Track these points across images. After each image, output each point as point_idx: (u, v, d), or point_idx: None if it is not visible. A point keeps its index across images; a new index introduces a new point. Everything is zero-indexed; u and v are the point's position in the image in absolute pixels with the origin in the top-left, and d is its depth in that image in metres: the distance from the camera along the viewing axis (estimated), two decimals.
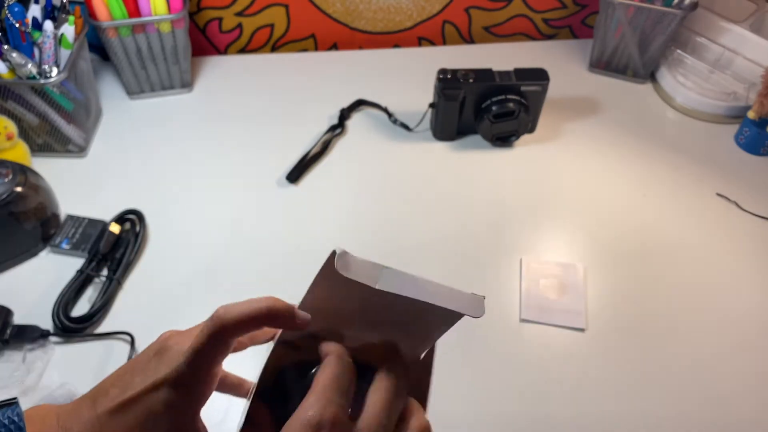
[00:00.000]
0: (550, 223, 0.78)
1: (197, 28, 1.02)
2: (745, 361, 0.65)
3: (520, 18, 1.08)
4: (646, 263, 0.74)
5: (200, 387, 0.34)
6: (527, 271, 0.72)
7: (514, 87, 0.83)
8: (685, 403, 0.61)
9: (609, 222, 0.78)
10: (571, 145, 0.89)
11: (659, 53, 0.96)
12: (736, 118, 0.92)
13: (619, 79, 1.01)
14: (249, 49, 1.07)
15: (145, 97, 0.94)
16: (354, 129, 0.91)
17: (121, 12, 0.83)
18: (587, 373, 0.63)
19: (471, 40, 1.11)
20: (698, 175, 0.84)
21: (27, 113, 0.79)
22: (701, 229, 0.77)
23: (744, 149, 0.88)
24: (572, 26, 1.11)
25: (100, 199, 0.78)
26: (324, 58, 1.04)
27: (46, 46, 0.76)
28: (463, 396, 0.61)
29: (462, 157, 0.87)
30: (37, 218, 0.71)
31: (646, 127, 0.92)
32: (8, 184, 0.68)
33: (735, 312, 0.69)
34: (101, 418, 0.33)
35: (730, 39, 0.94)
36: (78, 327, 0.65)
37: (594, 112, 0.95)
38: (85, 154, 0.85)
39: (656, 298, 0.70)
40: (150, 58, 0.90)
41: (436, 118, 0.87)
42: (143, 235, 0.74)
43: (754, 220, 0.79)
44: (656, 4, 0.90)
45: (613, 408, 0.61)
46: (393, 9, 1.04)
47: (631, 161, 0.86)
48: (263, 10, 1.01)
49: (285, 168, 0.83)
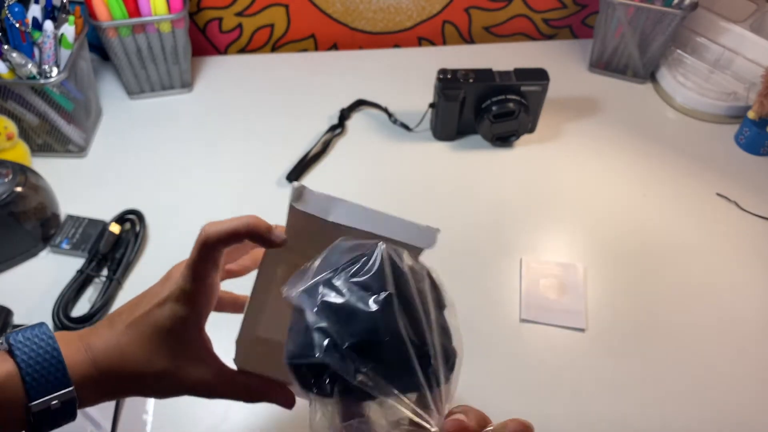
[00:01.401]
0: (550, 223, 0.78)
1: (197, 28, 1.02)
2: (746, 361, 0.65)
3: (520, 18, 1.08)
4: (646, 263, 0.73)
5: (200, 298, 0.38)
6: (527, 271, 0.72)
7: (514, 87, 0.83)
8: (685, 402, 0.61)
9: (609, 222, 0.78)
10: (571, 145, 0.89)
11: (659, 53, 0.96)
12: (736, 118, 0.92)
13: (619, 79, 1.01)
14: (249, 49, 1.07)
15: (145, 97, 0.94)
16: (354, 129, 0.91)
17: (121, 12, 0.83)
18: (587, 373, 0.63)
19: (471, 40, 1.11)
20: (698, 175, 0.84)
21: (27, 113, 0.79)
22: (701, 229, 0.77)
23: (744, 149, 0.88)
24: (572, 26, 1.11)
25: (100, 199, 0.78)
26: (324, 58, 1.04)
27: (46, 46, 0.76)
28: (463, 396, 0.61)
29: (462, 157, 0.87)
30: (37, 218, 0.71)
31: (646, 127, 0.92)
32: (8, 184, 0.68)
33: (735, 312, 0.69)
34: (117, 334, 0.38)
35: (730, 39, 0.94)
36: (78, 327, 0.65)
37: (594, 112, 0.95)
38: (85, 154, 0.85)
39: (656, 298, 0.70)
40: (150, 58, 0.90)
41: (436, 118, 0.87)
42: (143, 235, 0.74)
43: (754, 220, 0.79)
44: (656, 4, 0.90)
45: (613, 408, 0.61)
46: (393, 9, 1.04)
47: (631, 161, 0.86)
48: (263, 10, 1.01)
49: (285, 168, 0.83)
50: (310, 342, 0.31)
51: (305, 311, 0.32)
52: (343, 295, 0.32)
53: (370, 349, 0.31)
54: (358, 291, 0.32)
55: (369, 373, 0.31)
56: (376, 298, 0.32)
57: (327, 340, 0.31)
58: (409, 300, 0.32)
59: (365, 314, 0.31)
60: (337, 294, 0.32)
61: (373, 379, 0.31)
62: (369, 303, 0.32)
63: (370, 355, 0.31)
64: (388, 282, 0.32)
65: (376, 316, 0.31)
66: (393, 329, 0.31)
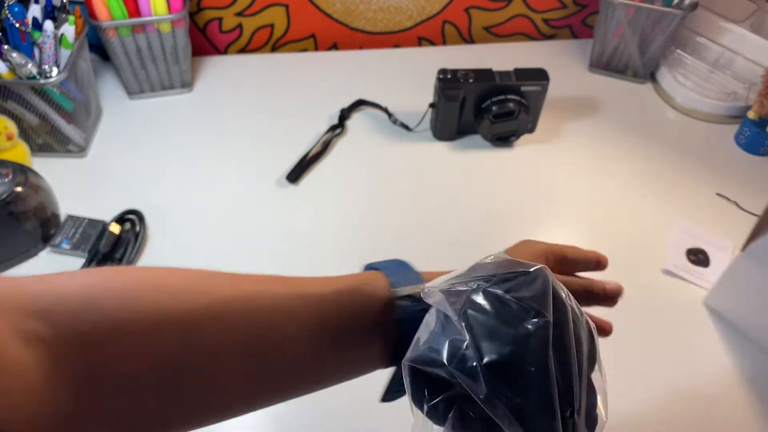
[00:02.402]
0: (549, 222, 0.78)
1: (197, 28, 1.02)
2: (746, 361, 0.65)
3: (520, 18, 1.08)
4: (646, 263, 0.73)
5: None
6: None
7: (514, 87, 0.83)
8: (686, 402, 0.61)
9: (609, 222, 0.78)
10: (571, 145, 0.89)
11: (659, 53, 0.96)
12: (736, 118, 0.92)
13: (619, 79, 1.01)
14: (249, 49, 1.07)
15: (145, 97, 0.94)
16: (354, 129, 0.91)
17: (121, 12, 0.83)
18: None
19: (471, 40, 1.11)
20: (698, 175, 0.84)
21: (27, 113, 0.79)
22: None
23: (744, 149, 0.88)
24: (572, 26, 1.11)
25: (100, 199, 0.78)
26: (324, 58, 1.04)
27: (46, 46, 0.76)
28: None
29: (462, 157, 0.87)
30: (37, 218, 0.71)
31: (646, 127, 0.92)
32: (8, 184, 0.68)
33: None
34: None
35: (730, 39, 0.94)
36: None
37: (594, 112, 0.94)
38: (85, 154, 0.85)
39: (656, 298, 0.70)
40: (150, 58, 0.90)
41: (436, 118, 0.87)
42: (143, 235, 0.74)
43: (754, 220, 0.78)
44: (656, 4, 0.90)
45: (612, 408, 0.61)
46: (393, 9, 1.04)
47: (631, 161, 0.86)
48: (263, 10, 1.01)
49: (285, 168, 0.83)
50: (440, 348, 0.27)
51: (446, 313, 0.28)
52: (494, 306, 0.28)
53: (509, 374, 0.26)
54: (513, 306, 0.28)
55: (500, 401, 0.26)
56: (532, 321, 0.27)
57: (463, 350, 0.27)
58: (565, 339, 0.28)
59: (515, 335, 0.27)
60: (489, 304, 0.28)
61: (501, 409, 0.26)
62: (524, 323, 0.27)
63: (506, 380, 0.26)
64: (548, 307, 0.28)
65: (528, 340, 0.27)
66: (541, 362, 0.27)
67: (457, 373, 0.26)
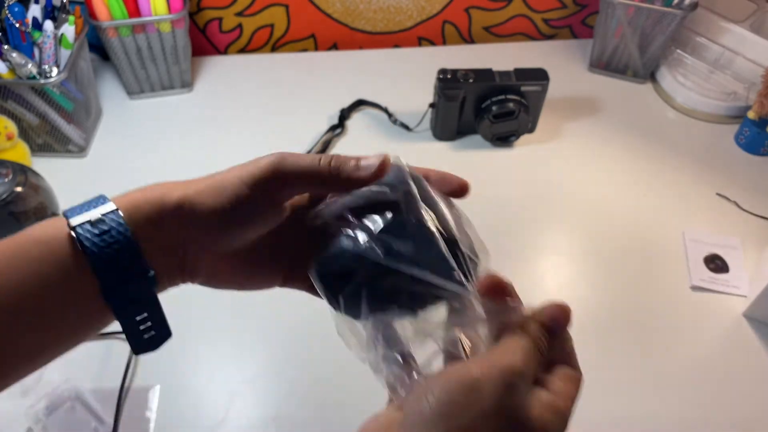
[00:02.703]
0: (549, 222, 0.78)
1: (197, 28, 1.02)
2: (746, 361, 0.65)
3: (520, 18, 1.08)
4: (646, 263, 0.73)
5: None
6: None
7: (514, 87, 0.83)
8: (685, 402, 0.61)
9: (609, 222, 0.78)
10: (571, 145, 0.89)
11: (659, 53, 0.96)
12: (736, 118, 0.92)
13: (619, 79, 1.00)
14: (249, 49, 1.07)
15: (145, 97, 0.94)
16: (354, 129, 0.91)
17: (121, 12, 0.83)
18: (586, 373, 0.63)
19: (471, 40, 1.11)
20: (698, 175, 0.84)
21: (27, 113, 0.79)
22: (701, 229, 0.77)
23: (744, 149, 0.88)
24: (572, 26, 1.11)
25: None
26: (324, 58, 1.04)
27: (46, 46, 0.76)
28: None
29: (462, 157, 0.87)
30: (37, 218, 0.71)
31: (646, 127, 0.92)
32: (8, 184, 0.68)
33: (735, 311, 0.69)
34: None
35: (730, 39, 0.94)
36: None
37: (594, 112, 0.94)
38: (85, 154, 0.85)
39: (656, 298, 0.70)
40: (150, 58, 0.90)
41: (436, 118, 0.87)
42: None
43: (754, 220, 0.79)
44: (656, 4, 0.90)
45: (612, 408, 0.61)
46: (393, 9, 1.04)
47: (631, 161, 0.86)
48: (263, 10, 1.01)
49: None
50: (338, 245, 0.32)
51: (330, 225, 0.33)
52: (364, 196, 0.33)
53: (396, 233, 0.31)
54: (378, 190, 0.33)
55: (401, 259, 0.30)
56: (395, 191, 0.33)
57: (354, 233, 0.31)
58: (427, 198, 0.33)
59: (388, 204, 0.32)
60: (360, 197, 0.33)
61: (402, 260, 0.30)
62: (389, 194, 0.33)
63: (396, 236, 0.31)
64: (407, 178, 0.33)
65: (400, 203, 0.32)
66: (418, 215, 0.32)
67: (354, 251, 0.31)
